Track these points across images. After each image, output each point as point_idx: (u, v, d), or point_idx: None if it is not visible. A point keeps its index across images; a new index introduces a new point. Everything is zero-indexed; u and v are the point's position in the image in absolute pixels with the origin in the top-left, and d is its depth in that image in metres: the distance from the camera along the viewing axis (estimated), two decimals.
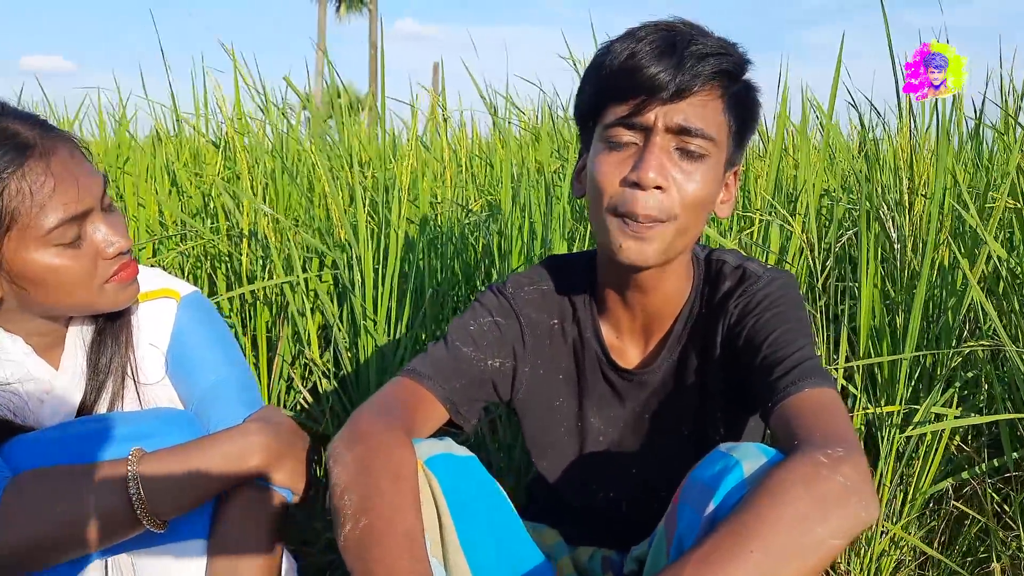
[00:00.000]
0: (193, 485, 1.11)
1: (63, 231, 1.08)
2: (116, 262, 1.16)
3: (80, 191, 1.09)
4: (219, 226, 2.23)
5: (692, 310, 1.27)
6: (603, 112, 1.14)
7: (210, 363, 1.29)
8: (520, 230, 2.17)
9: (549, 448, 1.36)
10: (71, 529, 1.04)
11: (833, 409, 1.02)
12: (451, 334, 1.28)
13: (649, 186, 1.09)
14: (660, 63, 1.07)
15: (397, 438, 1.08)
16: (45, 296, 1.12)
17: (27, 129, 1.08)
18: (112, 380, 1.24)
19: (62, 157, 1.09)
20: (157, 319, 1.29)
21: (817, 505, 0.88)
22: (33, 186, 1.05)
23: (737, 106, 1.14)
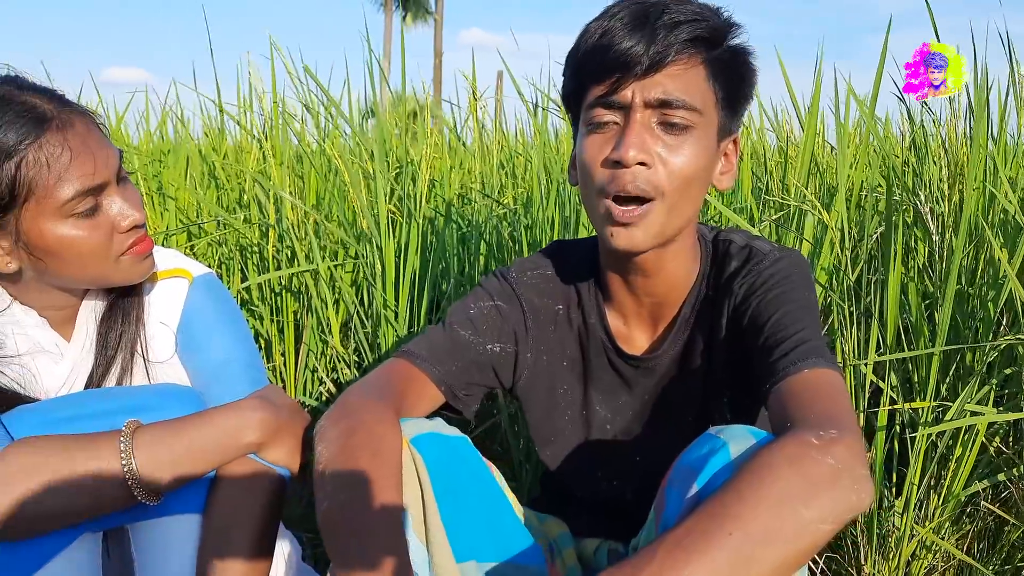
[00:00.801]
0: (187, 459, 1.11)
1: (79, 202, 1.10)
2: (131, 235, 1.17)
3: (96, 163, 1.11)
4: (251, 216, 2.25)
5: (699, 293, 1.23)
6: (584, 95, 1.12)
7: (218, 342, 1.29)
8: (550, 222, 2.15)
9: (553, 436, 1.33)
10: (61, 498, 1.04)
11: (831, 390, 0.98)
12: (450, 317, 1.27)
13: (631, 163, 1.06)
14: (632, 37, 1.05)
15: (382, 416, 1.07)
16: (61, 268, 1.14)
17: (45, 102, 1.10)
18: (121, 356, 1.26)
19: (79, 130, 1.11)
20: (169, 298, 1.30)
21: (803, 486, 0.84)
22: (50, 158, 1.07)
23: (723, 73, 1.10)
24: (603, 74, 1.07)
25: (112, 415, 1.13)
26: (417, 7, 32.96)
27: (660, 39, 1.04)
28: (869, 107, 2.01)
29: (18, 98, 1.08)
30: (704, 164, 1.10)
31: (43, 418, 1.11)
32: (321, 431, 1.07)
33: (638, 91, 1.06)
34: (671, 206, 1.09)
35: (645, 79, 1.06)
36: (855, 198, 2.03)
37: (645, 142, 1.06)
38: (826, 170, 2.42)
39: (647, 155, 1.06)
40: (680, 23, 1.05)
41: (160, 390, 1.22)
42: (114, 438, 1.08)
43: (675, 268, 1.20)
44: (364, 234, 2.03)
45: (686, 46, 1.06)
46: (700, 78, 1.08)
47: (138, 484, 1.08)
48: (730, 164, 1.19)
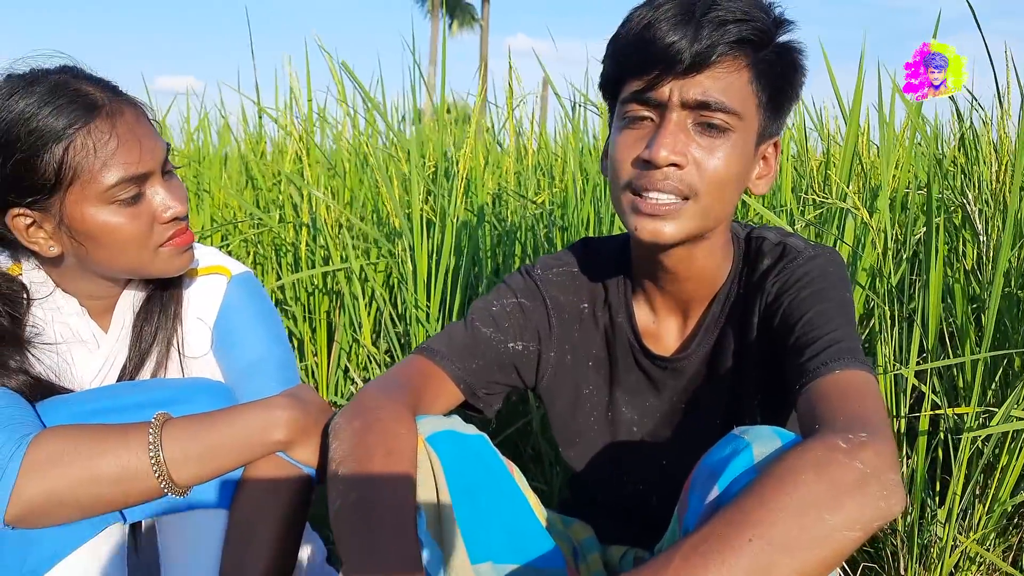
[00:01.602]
0: (214, 454, 1.11)
1: (122, 189, 1.11)
2: (172, 227, 1.18)
3: (142, 153, 1.13)
4: (285, 215, 2.26)
5: (731, 291, 1.20)
6: (621, 87, 1.08)
7: (252, 340, 1.30)
8: (586, 222, 2.12)
9: (576, 438, 1.30)
10: (88, 487, 1.04)
11: (863, 392, 0.93)
12: (472, 314, 1.24)
13: (662, 164, 1.02)
14: (676, 32, 1.00)
15: (397, 413, 1.05)
16: (101, 254, 1.15)
17: (98, 91, 1.12)
18: (156, 350, 1.27)
19: (128, 119, 1.13)
20: (207, 294, 1.31)
21: (828, 492, 0.80)
22: (98, 143, 1.09)
23: (767, 74, 1.05)
24: (642, 68, 1.04)
25: (143, 408, 1.13)
26: (464, 14, 33.14)
27: (705, 37, 0.99)
28: (915, 104, 1.95)
29: (72, 85, 1.11)
30: (739, 169, 1.06)
31: (75, 409, 1.12)
32: (335, 428, 1.05)
33: (676, 90, 1.02)
34: (704, 208, 1.06)
35: (685, 78, 1.02)
36: (899, 199, 1.97)
37: (678, 143, 1.03)
38: (870, 171, 2.35)
39: (680, 156, 1.03)
40: (728, 22, 1.00)
41: (191, 384, 1.22)
42: (143, 429, 1.08)
43: (706, 265, 1.17)
44: (397, 233, 2.02)
45: (732, 48, 1.01)
46: (743, 81, 1.04)
47: (165, 477, 1.08)
48: (768, 168, 1.14)
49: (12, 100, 1.08)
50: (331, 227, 2.10)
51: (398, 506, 0.95)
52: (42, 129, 1.08)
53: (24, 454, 1.02)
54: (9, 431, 1.03)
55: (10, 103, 1.08)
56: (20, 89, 1.09)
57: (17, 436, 1.03)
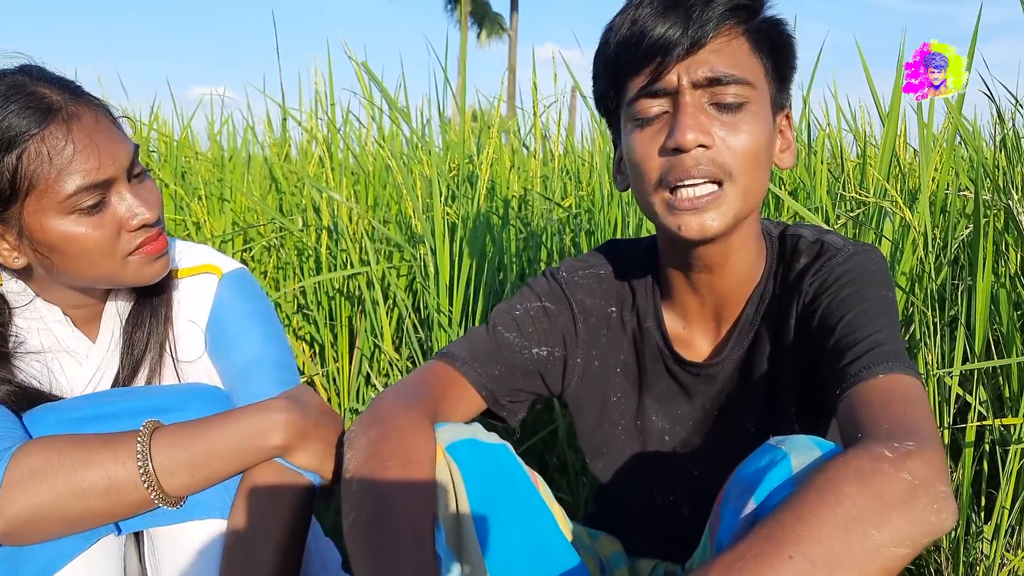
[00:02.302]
0: (207, 462, 1.06)
1: (82, 197, 1.05)
2: (141, 234, 1.11)
3: (102, 158, 1.06)
4: (308, 219, 2.23)
5: (765, 291, 1.14)
6: (623, 90, 1.05)
7: (247, 340, 1.24)
8: (613, 224, 2.07)
9: (604, 447, 1.25)
10: (74, 500, 1.00)
11: (908, 398, 0.87)
12: (494, 318, 1.20)
13: (691, 147, 0.98)
14: (666, 20, 0.98)
15: (414, 422, 1.00)
16: (67, 265, 1.09)
17: (55, 93, 1.06)
18: (149, 357, 1.22)
19: (86, 123, 1.06)
20: (197, 295, 1.25)
21: (874, 505, 0.74)
22: (52, 151, 1.03)
23: (767, 42, 1.03)
24: (641, 63, 1.01)
25: (134, 415, 1.09)
26: (492, 24, 33.24)
27: (697, 16, 0.98)
28: (956, 104, 1.88)
29: (27, 87, 1.05)
30: (765, 140, 1.03)
31: (63, 416, 1.08)
32: (351, 437, 1.01)
33: (683, 73, 0.99)
34: (743, 188, 1.01)
35: (688, 59, 0.99)
36: (939, 201, 1.90)
37: (701, 123, 0.99)
38: (908, 172, 2.28)
39: (707, 136, 0.99)
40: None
41: (184, 389, 1.17)
42: (131, 438, 1.04)
43: (740, 260, 1.11)
44: (419, 237, 1.98)
45: (725, 17, 0.99)
46: (744, 50, 1.01)
47: (155, 487, 1.03)
48: (787, 141, 1.11)
49: None
50: (352, 231, 2.06)
51: (414, 520, 0.91)
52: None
53: (6, 468, 0.98)
54: None
55: None
56: None
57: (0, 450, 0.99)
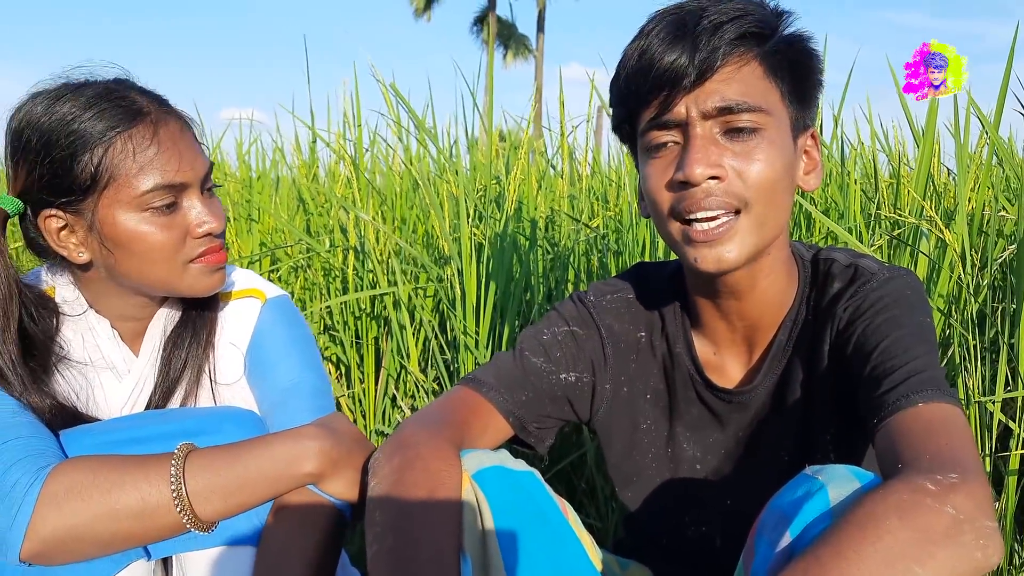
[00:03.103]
0: (240, 487, 1.05)
1: (157, 196, 1.09)
2: (205, 242, 1.15)
3: (182, 163, 1.11)
4: (335, 239, 2.23)
5: (797, 317, 1.11)
6: (636, 121, 1.03)
7: (286, 366, 1.24)
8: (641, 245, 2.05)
9: (634, 476, 1.22)
10: (107, 522, 0.99)
11: (950, 427, 0.84)
12: (521, 343, 1.18)
13: (699, 180, 0.96)
14: (673, 50, 0.96)
15: (439, 450, 0.98)
16: (129, 263, 1.12)
17: (145, 101, 1.12)
18: (186, 378, 1.22)
19: (171, 129, 1.12)
20: (240, 318, 1.27)
21: (916, 541, 0.71)
22: (137, 148, 1.08)
23: (781, 64, 1.00)
24: (649, 95, 0.99)
25: (168, 438, 1.08)
26: (518, 45, 33.40)
27: (703, 45, 0.95)
28: (993, 122, 1.84)
29: (120, 92, 1.11)
30: (783, 166, 1.00)
31: (98, 439, 1.08)
32: (375, 464, 0.99)
33: (692, 104, 0.97)
34: (759, 218, 0.98)
35: (696, 90, 0.97)
36: (976, 221, 1.86)
37: (711, 155, 0.97)
38: (944, 193, 2.24)
39: (717, 168, 0.96)
40: (722, 23, 0.96)
41: (219, 413, 1.17)
42: (165, 461, 1.03)
43: (769, 286, 1.08)
44: (446, 258, 1.97)
45: (734, 46, 0.97)
46: (758, 75, 0.98)
47: (187, 511, 1.02)
48: (813, 161, 1.08)
49: (59, 103, 1.08)
50: (379, 251, 2.05)
51: (439, 550, 0.88)
52: (82, 131, 1.07)
53: (41, 487, 0.97)
54: (27, 463, 0.99)
55: (56, 106, 1.08)
56: (68, 93, 1.09)
57: (35, 468, 0.99)
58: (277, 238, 2.38)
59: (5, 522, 0.96)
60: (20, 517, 0.96)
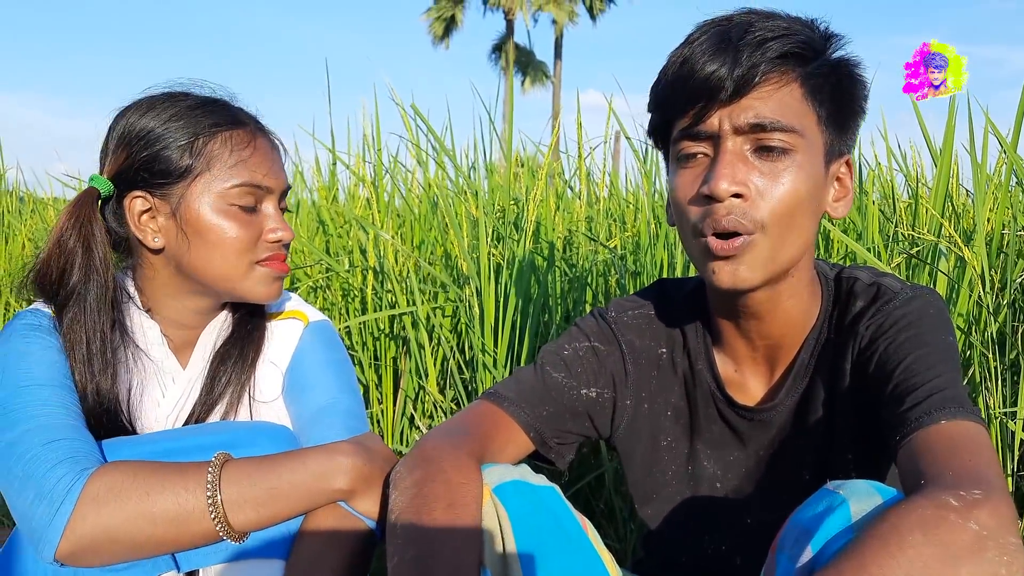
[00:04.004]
0: (273, 498, 1.06)
1: (243, 193, 1.17)
2: (273, 248, 1.20)
3: (271, 170, 1.20)
4: (354, 260, 2.25)
5: (820, 336, 1.11)
6: (670, 128, 1.04)
7: (321, 387, 1.27)
8: (659, 265, 2.05)
9: (654, 494, 1.21)
10: (143, 525, 1.00)
11: (973, 444, 0.84)
12: (542, 358, 1.18)
13: (724, 197, 0.96)
14: (714, 61, 0.95)
15: (460, 463, 0.98)
16: (201, 253, 1.17)
17: (248, 116, 1.24)
18: (229, 393, 1.25)
19: (266, 142, 1.23)
20: (283, 339, 1.31)
21: (939, 557, 0.71)
22: (235, 147, 1.18)
23: (822, 88, 0.99)
24: (686, 104, 0.99)
25: (206, 450, 1.10)
26: (536, 71, 33.62)
27: (745, 59, 0.95)
28: (1011, 142, 1.84)
29: (225, 102, 1.23)
30: (809, 191, 0.99)
31: (137, 450, 1.10)
32: (395, 478, 0.99)
33: (725, 118, 0.97)
34: (776, 240, 0.98)
35: (732, 104, 0.97)
36: (996, 242, 1.85)
37: (737, 172, 0.97)
38: (963, 213, 2.24)
39: (741, 186, 0.96)
40: (767, 40, 0.96)
41: (254, 427, 1.19)
42: (202, 468, 1.05)
43: (791, 307, 1.08)
44: (465, 278, 1.98)
45: (775, 64, 0.96)
46: (795, 97, 0.98)
47: (222, 519, 1.03)
48: (845, 189, 1.07)
49: (172, 100, 1.19)
50: (398, 271, 2.07)
51: (459, 564, 0.89)
52: (191, 122, 1.16)
53: (83, 487, 0.99)
54: (72, 463, 1.01)
55: (169, 102, 1.18)
56: (180, 93, 1.21)
57: (79, 468, 1.01)
58: (297, 258, 2.40)
59: (45, 519, 0.98)
60: (60, 515, 0.98)
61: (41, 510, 0.99)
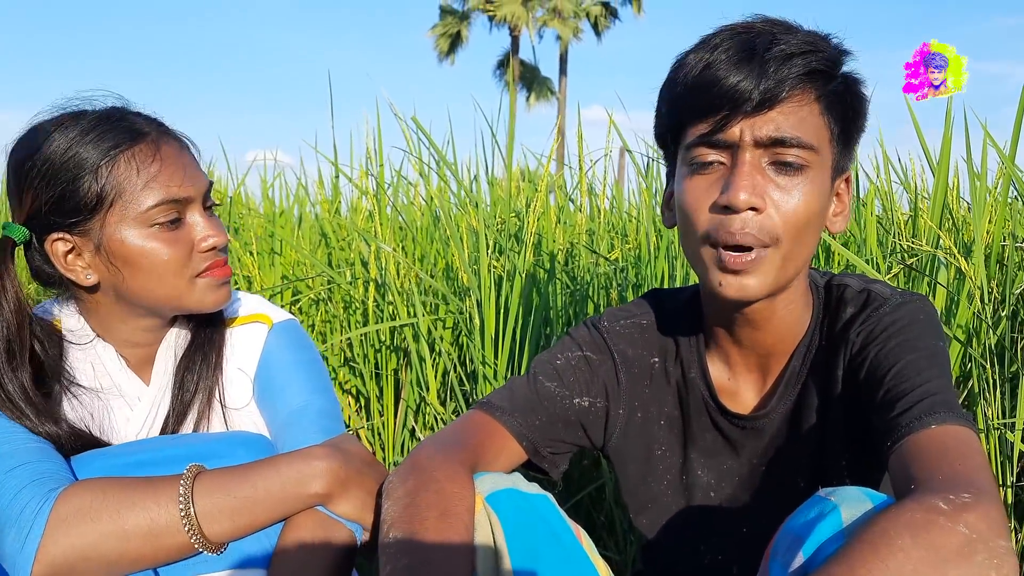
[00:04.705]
0: (248, 507, 1.06)
1: (162, 211, 1.11)
2: (210, 257, 1.17)
3: (184, 178, 1.14)
4: (356, 272, 2.26)
5: (811, 343, 1.11)
6: (684, 132, 1.03)
7: (294, 389, 1.25)
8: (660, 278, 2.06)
9: (649, 503, 1.22)
10: (116, 542, 1.00)
11: (963, 448, 0.84)
12: (535, 367, 1.18)
13: (742, 208, 0.96)
14: (740, 71, 0.96)
15: (453, 472, 0.99)
16: (137, 281, 1.13)
17: (145, 123, 1.16)
18: (198, 401, 1.23)
19: (172, 148, 1.15)
20: (247, 343, 1.27)
21: (929, 560, 0.71)
22: (141, 165, 1.11)
23: (837, 105, 1.00)
24: (707, 111, 0.99)
25: (179, 461, 1.09)
26: (541, 87, 33.73)
27: (772, 73, 0.95)
28: (1009, 154, 1.85)
29: (121, 115, 1.15)
30: (819, 207, 1.00)
31: (109, 462, 1.09)
32: (388, 488, 1.00)
33: (747, 129, 0.97)
34: (786, 253, 0.99)
35: (755, 116, 0.97)
36: (995, 254, 1.85)
37: (756, 184, 0.97)
38: (962, 226, 2.24)
39: (759, 199, 0.97)
40: (793, 55, 0.96)
41: (229, 437, 1.18)
42: (174, 482, 1.04)
43: (785, 316, 1.09)
44: (465, 289, 1.99)
45: (800, 80, 0.97)
46: (814, 113, 0.99)
47: (196, 531, 1.03)
48: (843, 204, 1.08)
49: (60, 130, 1.11)
50: (399, 283, 2.08)
51: (451, 574, 0.89)
52: (84, 155, 1.10)
53: (51, 510, 0.99)
54: (37, 486, 1.01)
55: (57, 133, 1.11)
56: (67, 120, 1.13)
57: (45, 491, 1.00)
58: (300, 271, 2.42)
59: (15, 546, 0.98)
60: (30, 541, 0.97)
61: (11, 537, 0.98)
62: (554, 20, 30.89)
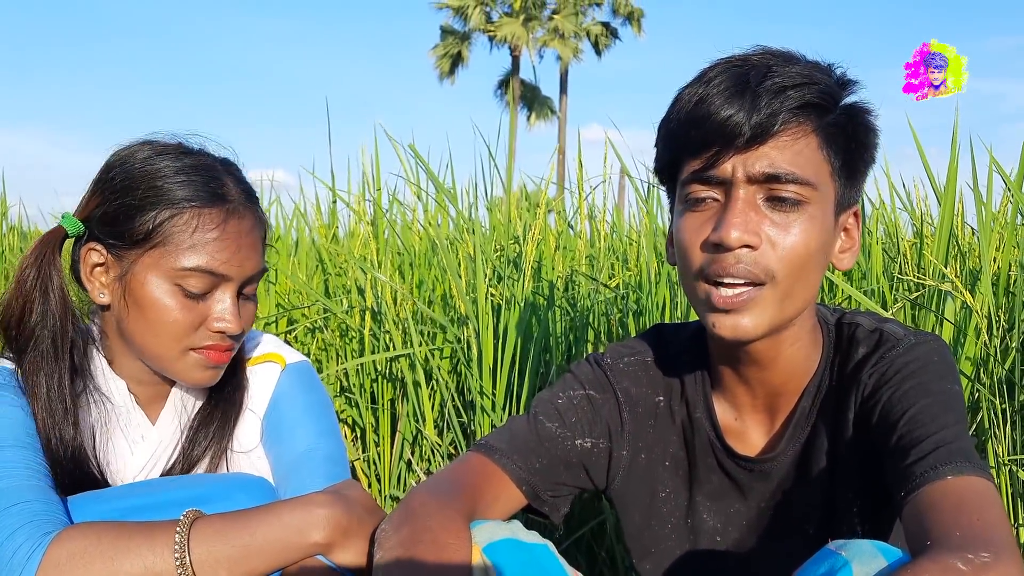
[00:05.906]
0: (246, 556, 1.03)
1: (193, 277, 1.11)
2: (215, 338, 1.15)
3: (233, 258, 1.13)
4: (352, 299, 2.23)
5: (821, 383, 1.08)
6: (679, 168, 1.01)
7: (301, 432, 1.24)
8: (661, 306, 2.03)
9: (653, 547, 1.18)
10: None
11: (981, 502, 0.81)
12: (535, 407, 1.15)
13: (734, 246, 0.93)
14: (731, 105, 0.93)
15: (449, 520, 0.95)
16: (136, 326, 1.13)
17: (235, 190, 1.16)
18: (209, 454, 1.22)
19: (242, 225, 1.14)
20: (260, 384, 1.27)
21: None
22: (200, 226, 1.11)
23: (838, 139, 0.97)
24: (699, 147, 0.96)
25: (178, 505, 1.06)
26: (541, 107, 33.82)
27: (764, 106, 0.92)
28: (1015, 179, 1.82)
29: (215, 173, 1.15)
30: (820, 243, 0.97)
31: (106, 506, 1.07)
32: (381, 536, 0.96)
33: (740, 165, 0.95)
34: (784, 292, 0.96)
35: (748, 152, 0.94)
36: (1002, 282, 1.82)
37: (749, 221, 0.94)
38: (968, 253, 2.21)
39: (753, 236, 0.94)
40: (786, 88, 0.93)
41: (229, 480, 1.15)
42: (170, 528, 1.01)
43: (793, 355, 1.05)
44: (463, 318, 1.96)
45: (794, 114, 0.94)
46: (811, 148, 0.95)
47: None
48: (852, 240, 1.05)
49: (160, 157, 1.13)
50: (396, 312, 2.05)
51: None
52: (163, 190, 1.10)
53: (44, 554, 0.96)
54: (32, 528, 0.98)
55: (156, 158, 1.13)
56: (172, 152, 1.14)
57: (40, 533, 0.97)
58: (295, 299, 2.38)
59: None
60: None
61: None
62: (554, 40, 31.03)
